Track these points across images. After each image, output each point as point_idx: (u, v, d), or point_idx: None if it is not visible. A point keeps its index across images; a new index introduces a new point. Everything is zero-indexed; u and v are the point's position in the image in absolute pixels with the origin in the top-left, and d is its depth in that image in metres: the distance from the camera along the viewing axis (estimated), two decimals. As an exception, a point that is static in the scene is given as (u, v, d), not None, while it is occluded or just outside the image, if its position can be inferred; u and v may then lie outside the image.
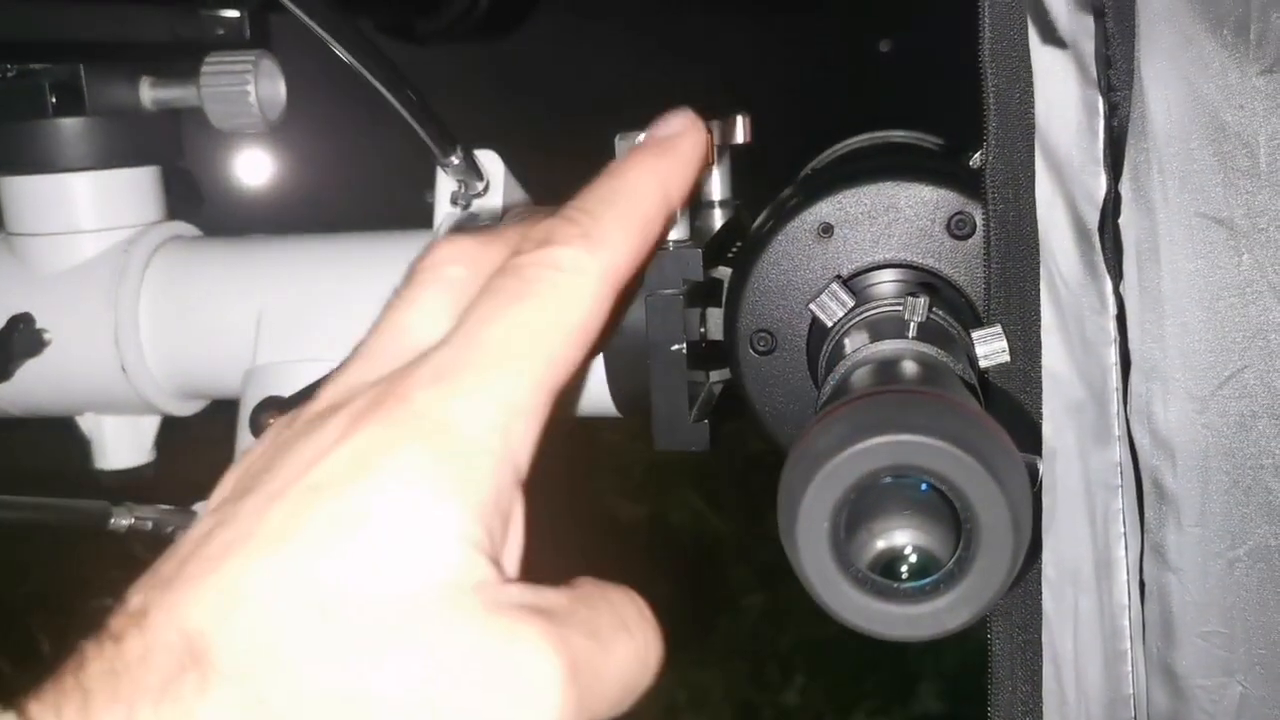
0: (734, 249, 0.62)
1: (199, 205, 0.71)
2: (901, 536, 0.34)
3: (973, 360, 0.47)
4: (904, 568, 0.34)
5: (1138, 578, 0.49)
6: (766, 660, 1.85)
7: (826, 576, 0.34)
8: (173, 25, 0.72)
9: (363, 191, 1.11)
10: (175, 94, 0.64)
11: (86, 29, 0.66)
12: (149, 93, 0.64)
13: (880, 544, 0.34)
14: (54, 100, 0.61)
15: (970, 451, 0.32)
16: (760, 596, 1.83)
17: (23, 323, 0.60)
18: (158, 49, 0.68)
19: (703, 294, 0.57)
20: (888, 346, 0.44)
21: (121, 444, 0.67)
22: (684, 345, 0.53)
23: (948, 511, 0.33)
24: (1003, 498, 0.32)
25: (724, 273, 0.59)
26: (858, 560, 0.34)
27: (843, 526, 0.34)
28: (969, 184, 0.53)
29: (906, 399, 0.35)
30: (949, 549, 0.34)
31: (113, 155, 0.63)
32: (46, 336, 0.62)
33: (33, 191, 0.63)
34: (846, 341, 0.47)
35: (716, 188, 0.68)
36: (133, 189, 0.65)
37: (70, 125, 0.61)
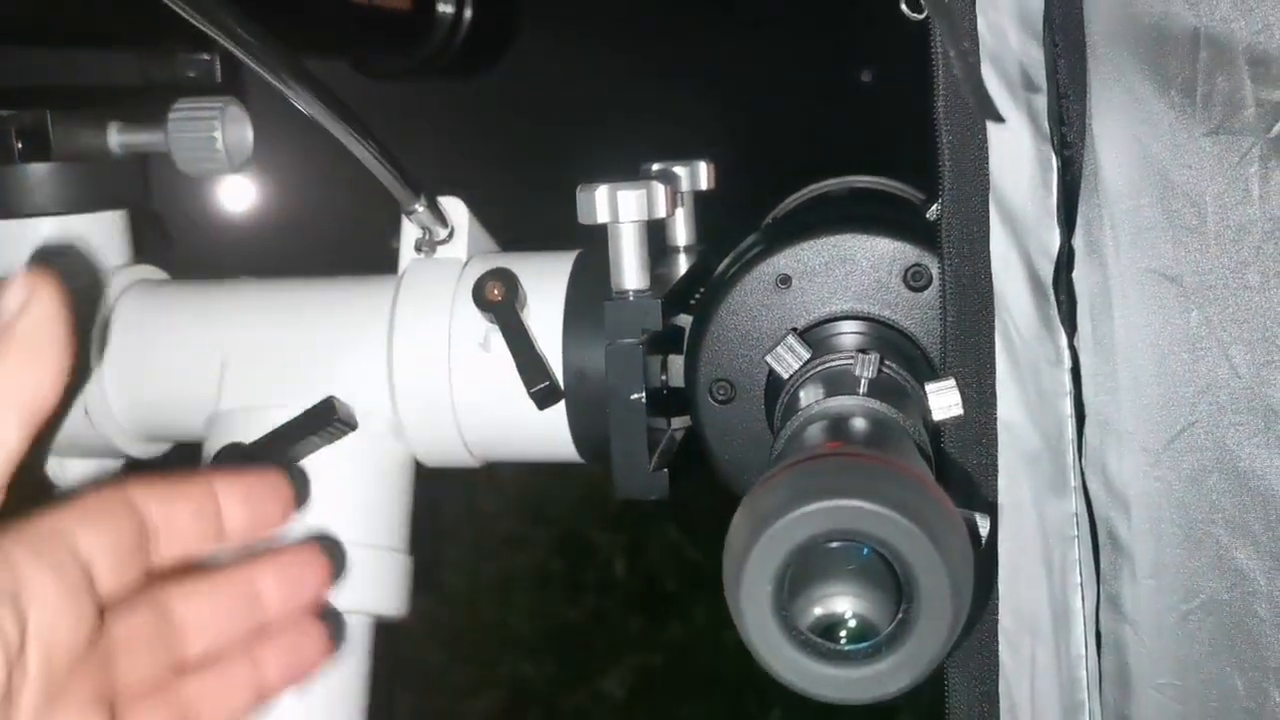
0: (697, 295, 0.62)
1: (168, 248, 0.71)
2: (841, 603, 0.34)
3: (925, 414, 0.48)
4: (843, 632, 0.34)
5: (1094, 628, 0.49)
6: (745, 692, 1.84)
7: (769, 638, 0.34)
8: (144, 69, 0.73)
9: (331, 235, 1.12)
10: (143, 139, 0.64)
11: (56, 74, 0.66)
12: (116, 137, 0.64)
13: (818, 610, 0.34)
14: (19, 145, 0.61)
15: (909, 516, 0.32)
16: (736, 630, 1.83)
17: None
18: (127, 93, 0.68)
19: (664, 341, 0.57)
20: (838, 403, 0.44)
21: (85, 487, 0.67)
22: (643, 395, 0.53)
23: (889, 575, 0.33)
24: (942, 563, 0.32)
25: (687, 320, 0.59)
26: (799, 623, 0.34)
27: (786, 589, 0.34)
28: (926, 236, 0.54)
29: (848, 463, 0.35)
30: (889, 613, 0.34)
31: (79, 200, 0.63)
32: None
33: (-2, 235, 0.63)
34: (801, 394, 0.48)
35: (681, 233, 0.68)
36: (99, 233, 0.65)
37: (36, 170, 0.61)
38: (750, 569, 0.34)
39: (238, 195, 1.20)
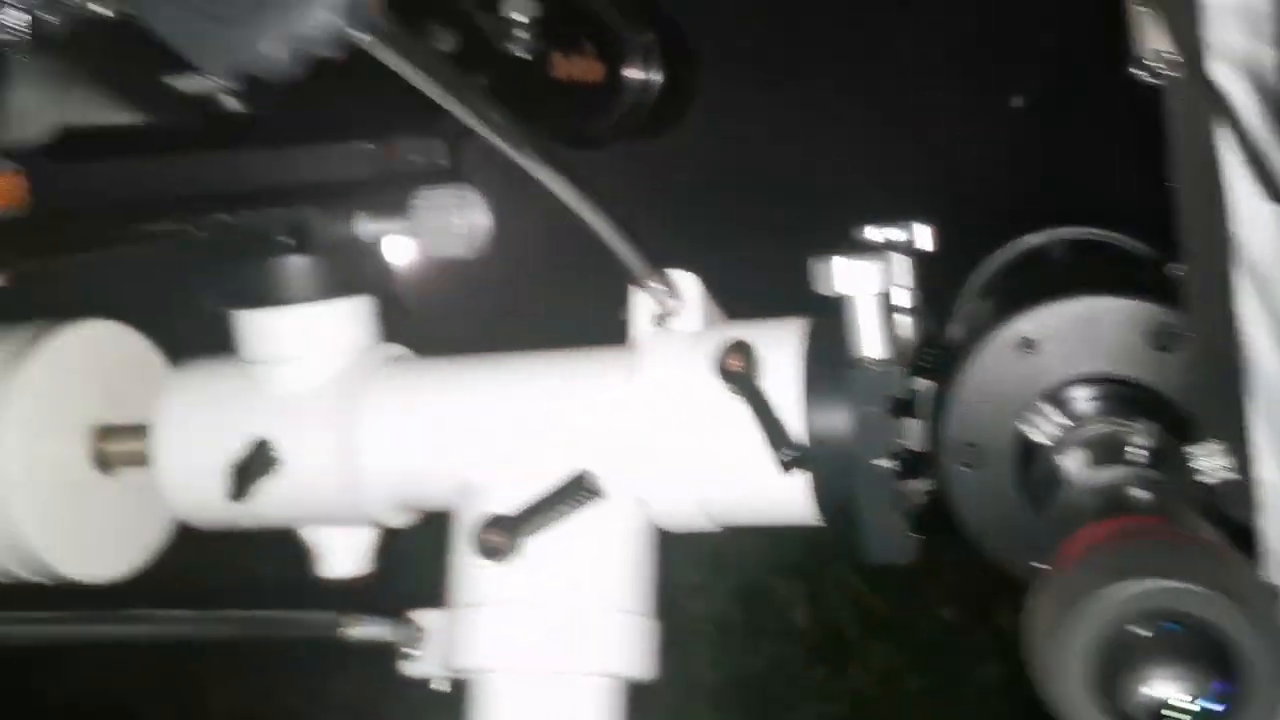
0: (923, 357, 0.63)
1: (403, 321, 0.75)
2: (1174, 689, 0.34)
3: (1190, 477, 0.48)
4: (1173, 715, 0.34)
5: None
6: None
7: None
8: (374, 158, 0.76)
9: (535, 304, 1.14)
10: (387, 227, 0.68)
11: (293, 172, 0.70)
12: (363, 227, 0.68)
13: (1149, 692, 0.34)
14: (282, 240, 0.65)
15: (1237, 601, 0.33)
16: (919, 677, 1.81)
17: (262, 446, 0.65)
18: (364, 184, 0.72)
19: (902, 406, 0.59)
20: (1111, 474, 0.44)
21: (343, 553, 0.71)
22: (893, 461, 0.54)
23: (1214, 654, 0.34)
24: (1275, 647, 0.33)
25: (915, 382, 0.60)
26: (1125, 705, 0.35)
27: (1106, 670, 0.35)
28: (1169, 294, 0.54)
29: (1166, 541, 0.36)
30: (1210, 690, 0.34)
31: (334, 287, 0.67)
32: (277, 457, 0.66)
33: (263, 323, 0.67)
34: (1062, 462, 0.48)
35: (906, 295, 0.69)
36: (351, 317, 0.69)
37: (297, 262, 0.66)
38: (1074, 649, 0.34)
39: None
